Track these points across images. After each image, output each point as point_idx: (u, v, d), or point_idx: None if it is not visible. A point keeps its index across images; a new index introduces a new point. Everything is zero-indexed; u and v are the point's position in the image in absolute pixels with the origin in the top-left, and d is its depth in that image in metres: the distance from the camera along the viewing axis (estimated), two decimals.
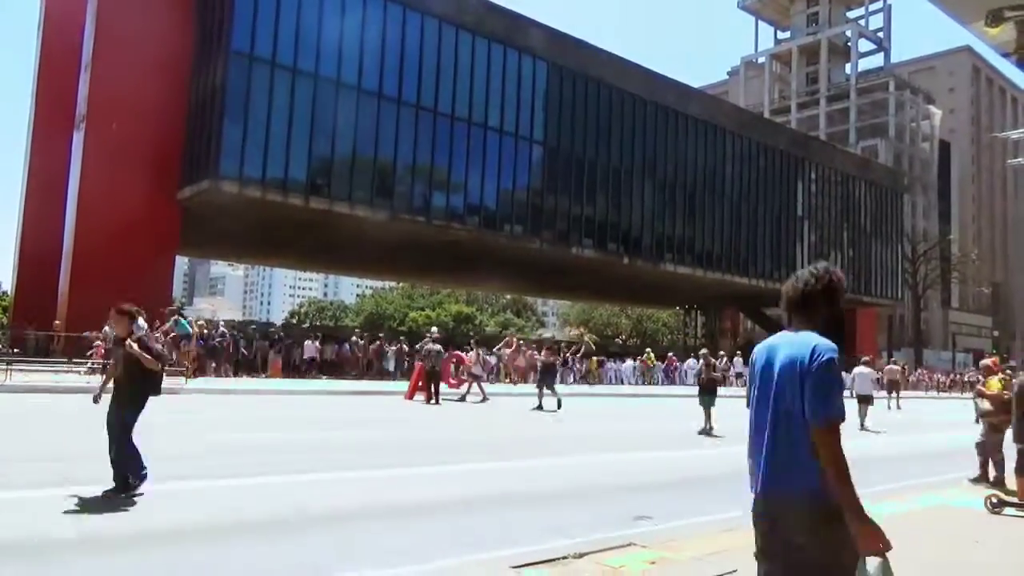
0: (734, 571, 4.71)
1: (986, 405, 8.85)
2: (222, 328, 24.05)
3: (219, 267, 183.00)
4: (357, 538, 5.63)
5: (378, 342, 28.21)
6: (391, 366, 27.37)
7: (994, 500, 7.30)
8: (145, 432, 6.54)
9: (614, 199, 33.90)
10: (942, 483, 9.22)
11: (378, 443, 10.77)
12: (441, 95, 28.09)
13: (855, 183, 48.10)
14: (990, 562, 5.71)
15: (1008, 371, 13.55)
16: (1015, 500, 7.33)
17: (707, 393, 14.38)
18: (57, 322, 22.41)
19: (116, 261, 22.18)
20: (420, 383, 18.47)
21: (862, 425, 17.10)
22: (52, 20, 29.07)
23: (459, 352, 21.82)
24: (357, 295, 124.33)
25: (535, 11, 32.00)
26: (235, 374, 22.44)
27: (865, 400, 17.50)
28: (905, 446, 14.67)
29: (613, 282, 40.70)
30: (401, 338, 30.10)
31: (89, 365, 18.56)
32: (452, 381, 19.72)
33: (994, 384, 8.86)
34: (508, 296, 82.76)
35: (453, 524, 6.22)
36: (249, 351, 24.67)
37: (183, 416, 12.17)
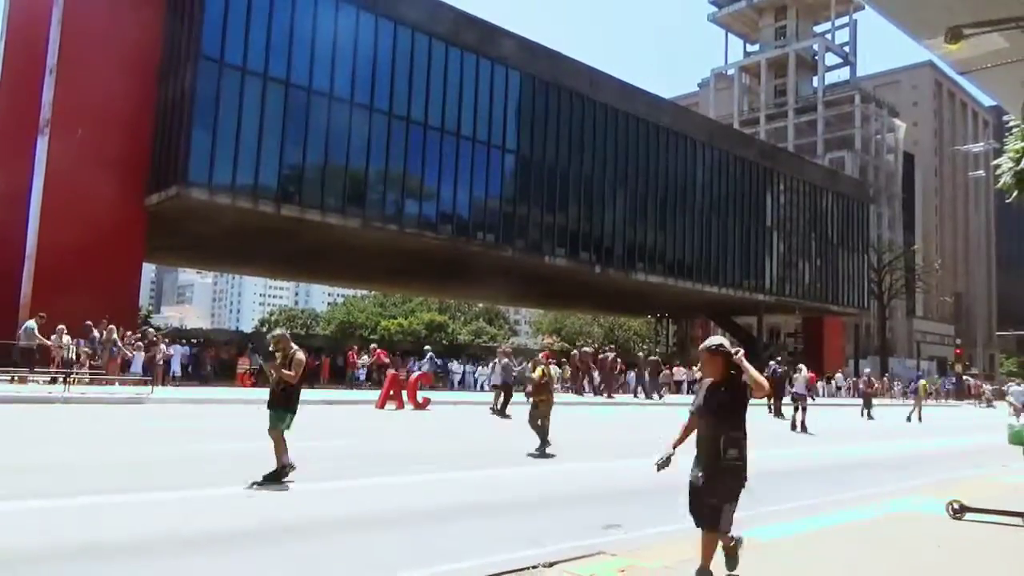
0: None
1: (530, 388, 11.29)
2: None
3: (187, 275, 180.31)
4: (321, 550, 5.57)
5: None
6: (363, 375, 27.19)
7: (956, 506, 7.47)
8: (111, 442, 6.42)
9: (586, 208, 34.06)
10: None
11: (348, 453, 10.67)
12: (414, 103, 27.97)
13: (822, 194, 48.93)
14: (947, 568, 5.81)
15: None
16: (978, 506, 7.49)
17: (278, 406, 8.29)
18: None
19: (81, 269, 21.73)
20: (392, 391, 18.50)
21: None
22: (16, 23, 28.48)
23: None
24: (328, 303, 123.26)
25: (509, 22, 32.23)
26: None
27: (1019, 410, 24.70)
28: None
29: (585, 291, 40.85)
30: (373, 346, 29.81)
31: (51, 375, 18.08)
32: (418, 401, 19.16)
33: (538, 372, 11.72)
34: (480, 304, 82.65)
35: (420, 534, 6.19)
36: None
37: (152, 425, 11.95)
